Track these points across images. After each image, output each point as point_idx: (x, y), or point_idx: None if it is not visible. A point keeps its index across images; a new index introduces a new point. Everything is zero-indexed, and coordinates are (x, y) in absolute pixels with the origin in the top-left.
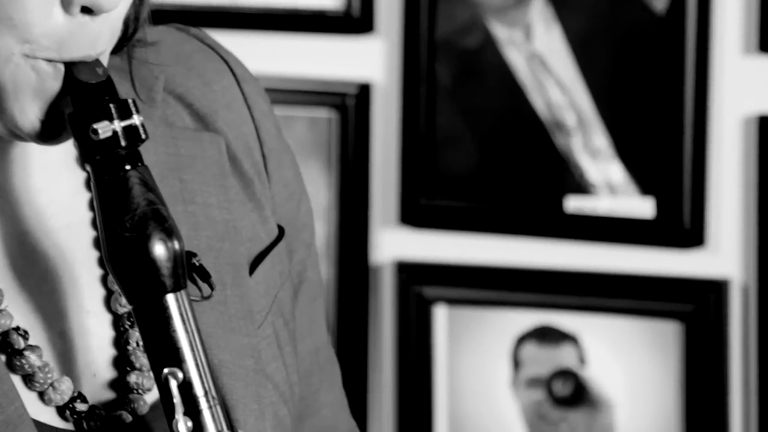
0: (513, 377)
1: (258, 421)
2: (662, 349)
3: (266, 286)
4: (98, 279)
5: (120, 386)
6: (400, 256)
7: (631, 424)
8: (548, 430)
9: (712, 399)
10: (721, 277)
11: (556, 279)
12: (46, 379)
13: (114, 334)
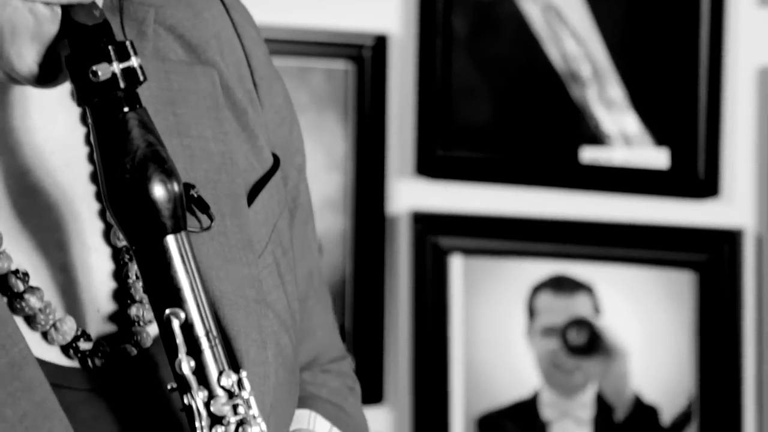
0: (528, 326)
1: (260, 350)
2: (676, 298)
3: (265, 215)
4: (96, 213)
5: (121, 319)
6: (417, 206)
7: (645, 372)
8: (563, 378)
9: (725, 347)
10: (734, 227)
11: (571, 229)
12: (47, 320)
13: (114, 267)
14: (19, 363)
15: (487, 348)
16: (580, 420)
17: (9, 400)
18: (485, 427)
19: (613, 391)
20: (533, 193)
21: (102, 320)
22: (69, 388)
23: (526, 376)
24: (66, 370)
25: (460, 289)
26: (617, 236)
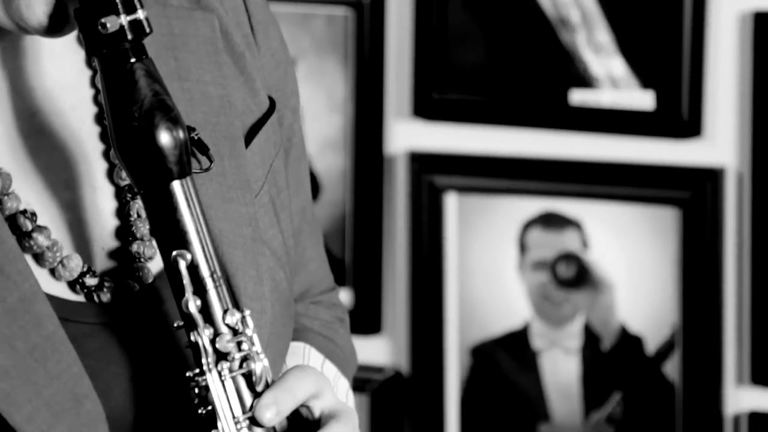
0: (519, 260)
1: (257, 286)
2: (660, 234)
3: (261, 156)
4: (101, 153)
5: (124, 256)
6: (413, 146)
7: (631, 303)
8: (552, 309)
9: (707, 280)
10: (716, 166)
11: (560, 168)
12: (55, 258)
13: (117, 205)
14: (29, 298)
15: (480, 281)
16: (568, 349)
17: (20, 333)
18: (478, 356)
19: (600, 321)
20: (524, 133)
21: (106, 257)
22: (76, 321)
23: (517, 308)
24: (73, 305)
25: (454, 225)
26: (604, 174)
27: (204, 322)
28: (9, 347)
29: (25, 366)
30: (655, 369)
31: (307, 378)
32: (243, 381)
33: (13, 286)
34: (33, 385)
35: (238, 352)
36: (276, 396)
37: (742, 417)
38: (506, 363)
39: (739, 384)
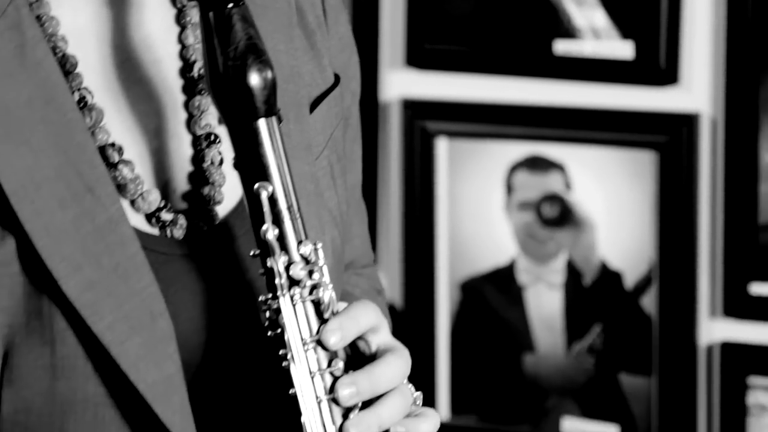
0: (506, 201)
1: (318, 235)
2: (639, 176)
3: (323, 124)
4: (182, 104)
5: (195, 198)
6: (406, 94)
7: (611, 241)
8: (537, 247)
9: (682, 219)
10: (692, 112)
11: (545, 114)
12: (136, 190)
13: (193, 153)
14: (116, 220)
15: (469, 220)
16: (552, 284)
17: (106, 250)
18: (467, 290)
19: (581, 258)
20: (511, 81)
21: (179, 198)
22: (153, 250)
23: (504, 246)
24: (148, 236)
25: (445, 168)
26: (586, 120)
27: (280, 249)
28: (96, 262)
29: (109, 281)
30: (633, 302)
31: (369, 311)
32: (312, 307)
33: (102, 207)
34: (115, 299)
35: (309, 279)
36: (342, 322)
37: (714, 347)
38: (493, 297)
39: (712, 316)
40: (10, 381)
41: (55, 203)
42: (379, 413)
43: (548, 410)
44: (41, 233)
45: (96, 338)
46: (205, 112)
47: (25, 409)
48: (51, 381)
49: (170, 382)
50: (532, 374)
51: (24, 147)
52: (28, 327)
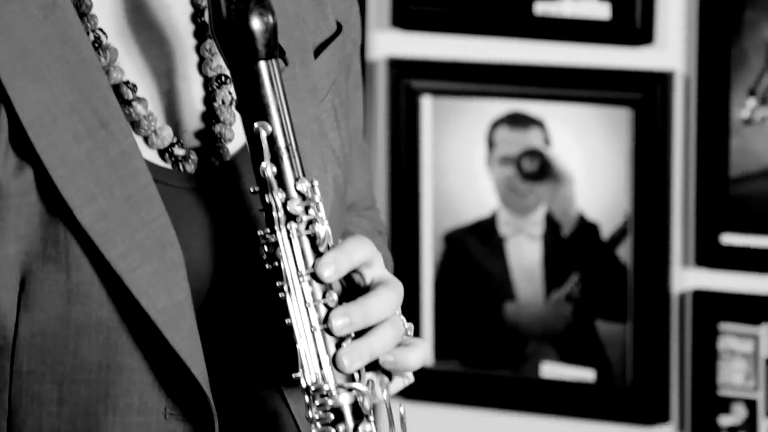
0: (488, 156)
1: (321, 173)
2: (615, 132)
3: (327, 69)
4: (193, 47)
5: (207, 136)
6: (392, 53)
7: (588, 194)
8: (517, 200)
9: (656, 173)
10: (666, 70)
11: (525, 72)
12: (150, 126)
13: (204, 94)
14: (129, 153)
15: (453, 175)
16: (532, 236)
17: (119, 182)
18: (451, 242)
19: (560, 210)
20: (493, 41)
21: (191, 135)
22: (164, 183)
23: (486, 199)
24: (161, 169)
25: (429, 125)
26: (565, 78)
27: (278, 186)
28: (109, 193)
29: (122, 211)
30: (609, 253)
31: (363, 245)
32: (308, 241)
33: (115, 141)
34: (127, 228)
35: (305, 215)
36: (336, 256)
37: (687, 295)
38: (476, 248)
39: (685, 265)
40: (27, 306)
41: (70, 136)
42: (371, 342)
43: (528, 355)
44: (57, 164)
45: (109, 266)
46: (215, 54)
47: (40, 332)
48: (66, 306)
49: (179, 308)
50: (512, 321)
51: (41, 83)
52: (44, 254)
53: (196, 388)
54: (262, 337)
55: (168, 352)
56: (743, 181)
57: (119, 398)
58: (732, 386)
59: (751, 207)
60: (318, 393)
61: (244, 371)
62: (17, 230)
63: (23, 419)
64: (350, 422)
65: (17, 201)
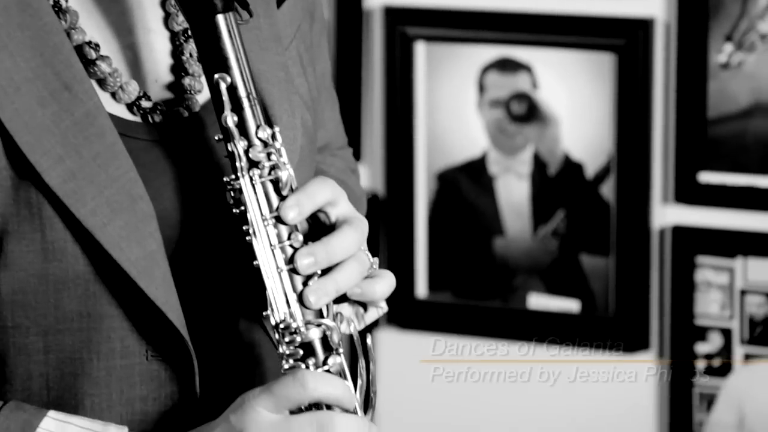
0: (479, 100)
1: (289, 117)
2: (599, 76)
3: (290, 17)
4: (158, 3)
5: (177, 88)
6: (387, 1)
7: (573, 135)
8: (506, 141)
9: (638, 115)
10: (648, 17)
11: (514, 20)
12: (116, 83)
13: (171, 47)
14: (94, 113)
15: (445, 117)
16: (520, 174)
17: (85, 142)
18: (443, 180)
19: (547, 151)
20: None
21: (160, 88)
22: (133, 137)
23: (477, 140)
24: (130, 123)
25: (423, 70)
26: (552, 25)
27: (239, 135)
28: (76, 153)
29: (90, 170)
30: (593, 190)
31: (326, 186)
32: (271, 186)
33: (79, 102)
34: (96, 186)
35: (267, 161)
36: (299, 199)
37: (666, 230)
38: (467, 187)
39: (664, 202)
40: (6, 265)
41: (34, 102)
42: (336, 279)
43: (516, 287)
44: (22, 131)
45: (80, 223)
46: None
47: (21, 289)
48: (43, 263)
49: (152, 259)
50: (501, 255)
51: (2, 52)
52: (18, 216)
53: (173, 332)
54: (234, 279)
55: (144, 299)
56: (720, 122)
57: (102, 344)
58: (708, 316)
59: (727, 147)
60: (287, 330)
61: (218, 312)
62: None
63: (13, 369)
64: (320, 355)
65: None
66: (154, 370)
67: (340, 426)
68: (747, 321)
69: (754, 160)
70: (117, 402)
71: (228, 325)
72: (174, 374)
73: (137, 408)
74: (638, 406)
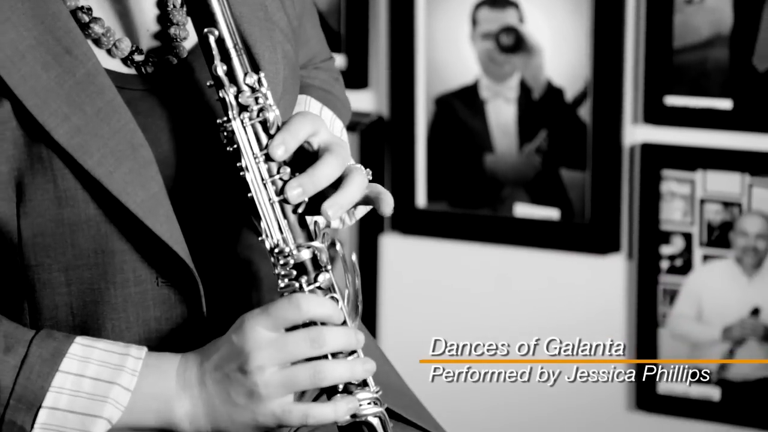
0: (472, 33)
1: (272, 54)
2: (577, 11)
3: None
4: None
5: (164, 37)
6: None
7: (555, 64)
8: (496, 69)
9: (612, 45)
10: None
11: None
12: (109, 41)
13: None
14: (93, 73)
15: (443, 48)
16: (508, 98)
17: (87, 99)
18: (440, 104)
19: (531, 78)
20: None
21: (150, 38)
22: (129, 89)
23: (470, 68)
24: (126, 76)
25: (423, 6)
26: None
27: (229, 82)
28: (80, 111)
29: (93, 125)
30: (572, 112)
31: (306, 120)
32: (260, 126)
33: (80, 64)
34: (100, 138)
35: (255, 105)
36: (284, 137)
37: (636, 147)
38: (461, 109)
39: (635, 122)
40: (26, 213)
41: (39, 67)
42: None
43: (504, 198)
44: (30, 95)
45: (88, 173)
46: None
47: (40, 233)
48: (57, 209)
49: (155, 199)
50: (491, 170)
51: (6, 24)
52: (32, 169)
53: (179, 261)
54: (230, 210)
55: (151, 235)
56: (684, 51)
57: (116, 275)
58: (672, 222)
59: (690, 73)
60: (281, 254)
61: (218, 240)
62: (6, 152)
63: (41, 302)
64: (311, 273)
65: (1, 128)
66: (165, 294)
67: (330, 338)
68: (705, 226)
69: (713, 84)
70: (134, 323)
71: (227, 251)
72: (182, 297)
73: (152, 327)
74: (611, 301)
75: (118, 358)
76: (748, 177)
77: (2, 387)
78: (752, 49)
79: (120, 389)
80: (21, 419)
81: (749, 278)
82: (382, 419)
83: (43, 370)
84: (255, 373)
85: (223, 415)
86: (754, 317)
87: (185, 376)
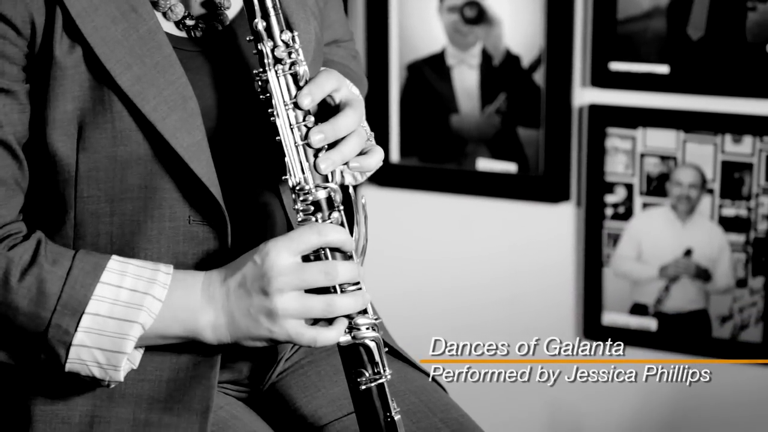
0: (439, 6)
1: (306, 24)
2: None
3: None
4: None
5: (210, 6)
6: None
7: (513, 34)
8: (461, 38)
9: (563, 17)
10: None
11: None
12: (166, 4)
13: None
14: (154, 30)
15: (414, 20)
16: (471, 65)
17: (148, 53)
18: (412, 70)
19: (492, 46)
20: None
21: (198, 6)
22: (181, 49)
23: (438, 38)
24: (179, 38)
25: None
26: None
27: (267, 37)
28: (141, 62)
29: (151, 75)
30: (528, 77)
31: (331, 76)
32: (291, 78)
33: (143, 21)
34: (156, 88)
35: (288, 59)
36: (311, 89)
37: (584, 108)
38: (430, 75)
39: (583, 86)
40: (84, 148)
41: (108, 20)
42: (341, 150)
43: (467, 154)
44: (99, 43)
45: (144, 117)
46: None
47: (95, 167)
48: (113, 147)
49: (199, 146)
50: (456, 128)
51: None
52: (94, 110)
53: (212, 201)
54: (260, 157)
55: (191, 176)
56: (627, 22)
57: (155, 210)
58: (615, 174)
59: (632, 42)
60: (302, 191)
61: (248, 183)
62: (73, 92)
63: (85, 229)
64: (326, 211)
65: (71, 71)
66: (195, 231)
67: (341, 270)
68: (645, 177)
69: (652, 52)
70: (165, 255)
71: (254, 194)
72: (210, 235)
73: (180, 261)
74: (562, 244)
75: (151, 273)
76: (683, 134)
77: (51, 294)
78: (687, 20)
79: (153, 299)
80: (66, 323)
81: (683, 223)
82: (378, 343)
83: (86, 280)
84: (275, 295)
85: (242, 327)
86: (687, 257)
87: (209, 291)
